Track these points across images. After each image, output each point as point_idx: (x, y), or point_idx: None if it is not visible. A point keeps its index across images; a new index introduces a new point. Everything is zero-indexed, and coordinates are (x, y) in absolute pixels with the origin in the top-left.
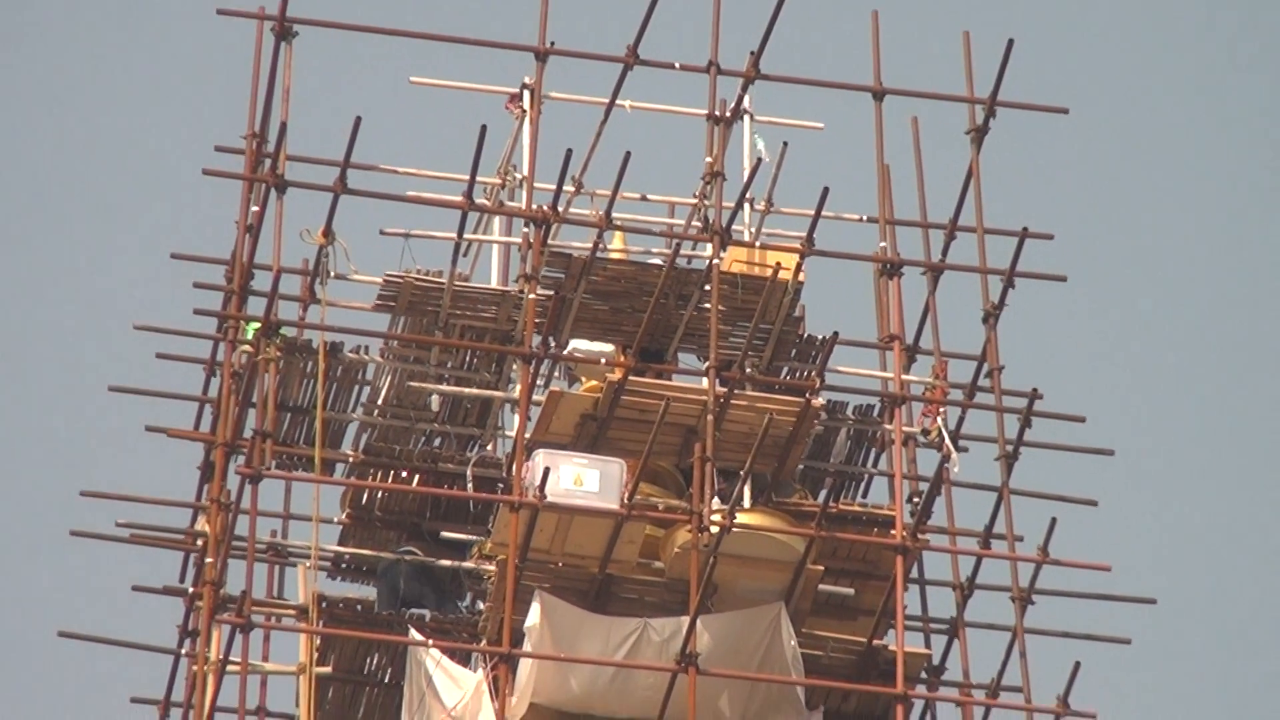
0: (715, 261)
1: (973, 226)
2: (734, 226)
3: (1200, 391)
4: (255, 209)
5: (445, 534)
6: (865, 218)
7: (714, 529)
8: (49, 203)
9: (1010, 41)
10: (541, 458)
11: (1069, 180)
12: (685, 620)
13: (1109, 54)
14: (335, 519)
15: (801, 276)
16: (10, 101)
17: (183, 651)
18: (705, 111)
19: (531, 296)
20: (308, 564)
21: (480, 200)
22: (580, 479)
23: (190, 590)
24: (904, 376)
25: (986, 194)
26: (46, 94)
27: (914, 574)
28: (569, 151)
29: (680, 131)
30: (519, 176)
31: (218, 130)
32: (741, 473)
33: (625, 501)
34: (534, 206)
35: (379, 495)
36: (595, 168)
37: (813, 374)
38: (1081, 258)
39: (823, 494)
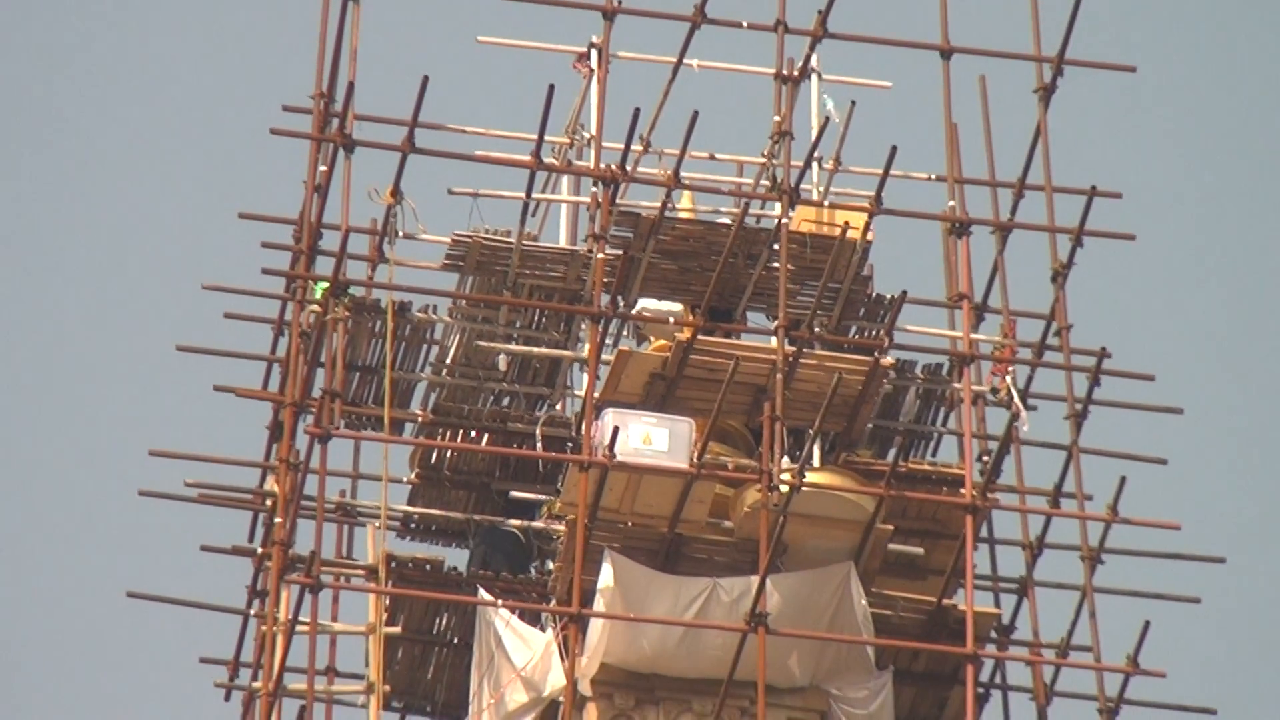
0: (784, 220)
1: (1041, 185)
2: (802, 186)
3: (1270, 348)
4: (323, 168)
5: (515, 493)
6: (933, 177)
7: (783, 488)
8: (117, 162)
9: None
10: (610, 417)
11: (1137, 138)
12: (754, 580)
13: (1177, 10)
14: (404, 479)
15: (870, 235)
16: (81, 60)
17: (251, 612)
18: (773, 70)
19: (600, 256)
20: (376, 524)
21: (548, 160)
22: (649, 438)
23: (259, 550)
24: (972, 335)
25: (1054, 153)
26: (116, 54)
27: (983, 533)
28: (636, 110)
29: (748, 90)
30: (587, 136)
31: (286, 90)
32: (811, 432)
33: (694, 461)
34: (602, 166)
35: (448, 455)
36: (663, 127)
37: (881, 333)
38: (1150, 216)
39: (892, 453)
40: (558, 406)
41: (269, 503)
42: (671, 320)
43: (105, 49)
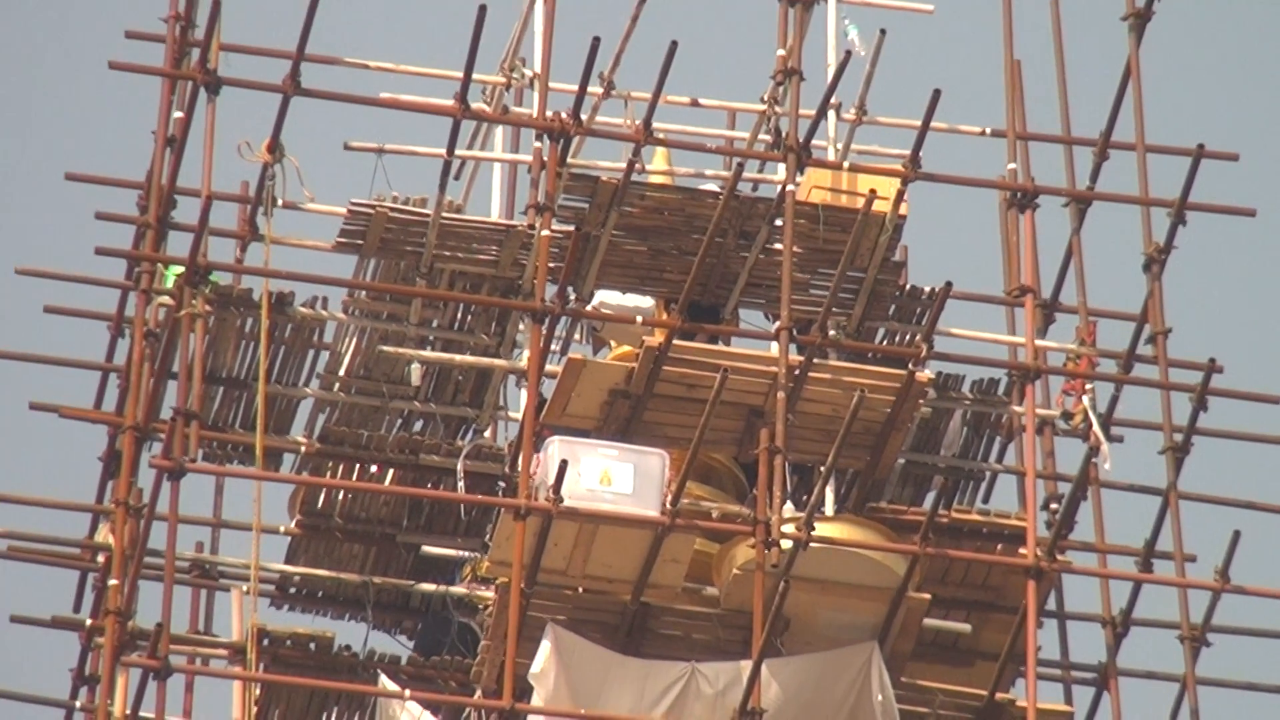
0: (790, 188)
1: (1131, 143)
2: (814, 142)
3: None
4: (178, 115)
5: (428, 549)
6: (988, 131)
7: (785, 544)
8: None
9: None
10: (557, 448)
11: (1256, 84)
12: (746, 665)
13: None
14: (282, 528)
15: (903, 209)
16: None
17: (78, 704)
18: None
19: (545, 233)
20: (245, 588)
21: (477, 105)
22: (608, 476)
23: (88, 622)
24: (1038, 342)
25: (1150, 100)
26: None
27: (1050, 605)
28: (596, 40)
29: (743, 15)
30: (529, 74)
31: (130, 10)
32: (823, 469)
33: (668, 507)
34: (549, 114)
35: (339, 497)
36: (630, 63)
37: (918, 338)
38: (1274, 185)
39: (930, 498)
40: (487, 434)
41: (101, 559)
42: (640, 320)
43: None
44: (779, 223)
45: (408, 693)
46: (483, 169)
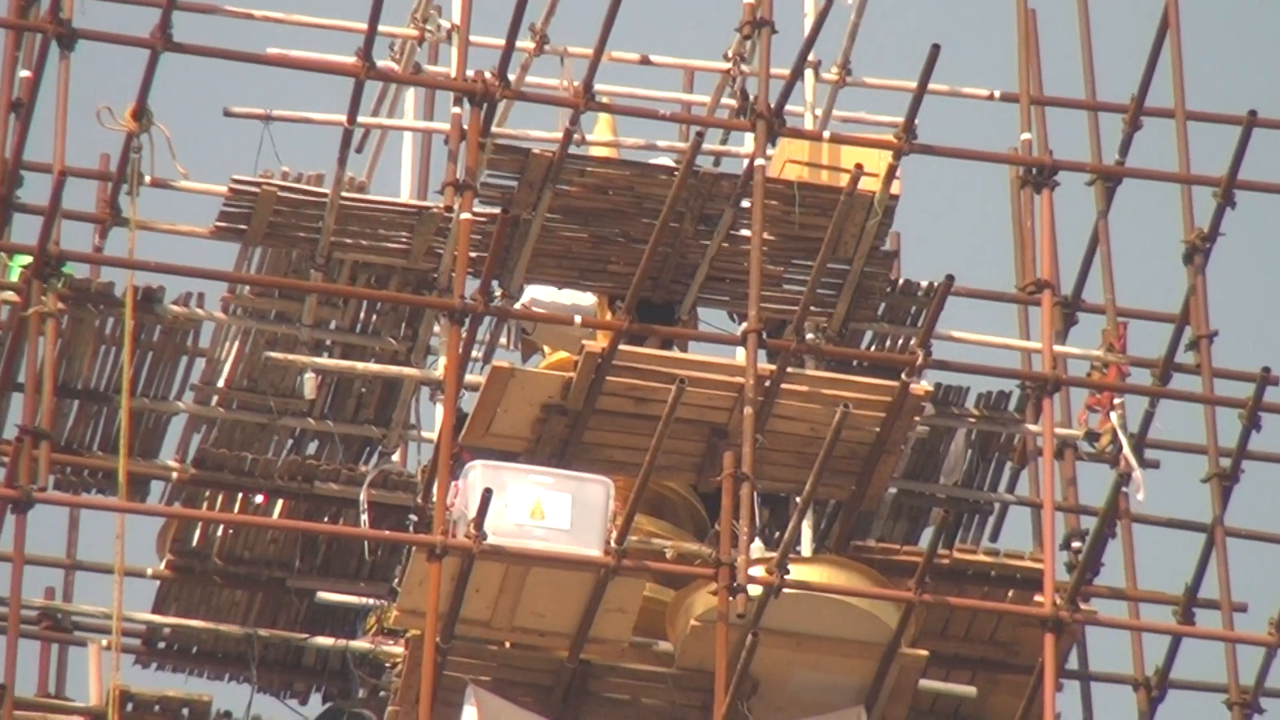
0: (760, 163)
1: (1170, 110)
2: (789, 108)
3: None
4: (25, 74)
5: (324, 595)
6: (997, 95)
7: (754, 590)
8: None
9: None
10: (479, 474)
11: None
12: None
13: None
14: (149, 570)
15: (896, 188)
16: None
17: None
18: None
19: (465, 217)
20: (105, 642)
21: (383, 63)
22: (540, 509)
23: None
24: (1058, 348)
25: (1191, 58)
26: None
27: (1072, 663)
28: None
29: None
30: (445, 26)
31: None
32: (799, 500)
33: (612, 545)
34: (469, 74)
35: (218, 533)
36: (568, 11)
37: (913, 343)
38: None
39: (928, 534)
40: (395, 457)
41: None
42: (578, 320)
43: None
44: (746, 204)
45: None
46: (390, 139)
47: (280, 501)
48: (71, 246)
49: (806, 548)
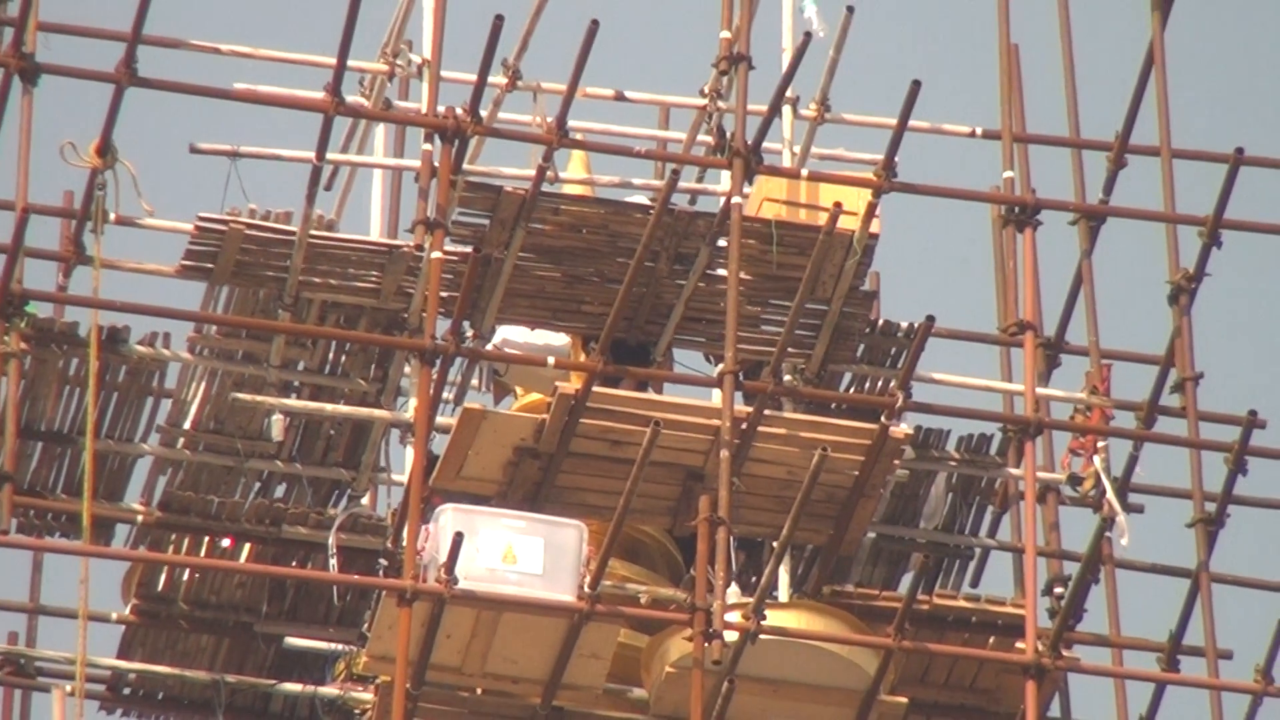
0: (736, 201)
1: (1155, 147)
2: (766, 144)
3: None
4: None
5: (292, 640)
6: (979, 132)
7: (730, 635)
8: None
9: None
10: (450, 518)
11: None
12: None
13: None
14: (114, 615)
15: (875, 226)
16: None
17: None
18: None
19: (436, 255)
20: (68, 688)
21: (354, 99)
22: (512, 553)
23: None
24: (1040, 390)
25: (1177, 93)
26: None
27: (1055, 711)
28: (499, 20)
29: None
30: (416, 61)
31: None
32: (776, 545)
33: (586, 590)
34: (440, 109)
35: (185, 577)
36: (542, 47)
37: (893, 385)
38: None
39: (907, 579)
40: (365, 500)
41: None
42: (551, 361)
43: None
44: (723, 243)
45: None
46: (360, 177)
47: (247, 545)
48: (35, 285)
49: (784, 593)
